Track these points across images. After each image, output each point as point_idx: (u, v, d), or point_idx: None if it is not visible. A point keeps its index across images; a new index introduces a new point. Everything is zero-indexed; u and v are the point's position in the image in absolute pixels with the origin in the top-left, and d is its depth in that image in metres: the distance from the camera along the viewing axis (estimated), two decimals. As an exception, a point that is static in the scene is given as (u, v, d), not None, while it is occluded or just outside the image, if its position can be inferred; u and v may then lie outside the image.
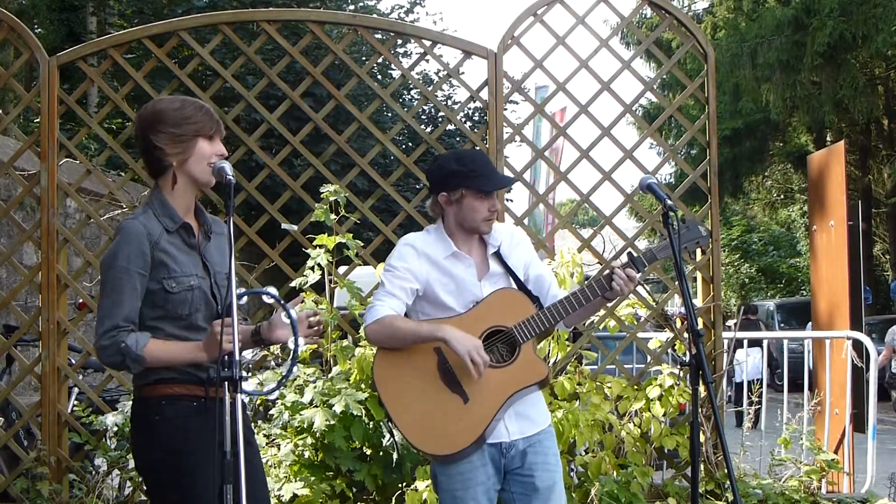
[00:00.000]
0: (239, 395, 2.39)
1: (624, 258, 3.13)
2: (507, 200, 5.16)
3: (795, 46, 14.85)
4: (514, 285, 3.13)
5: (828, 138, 18.20)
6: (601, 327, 5.11)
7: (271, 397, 4.44)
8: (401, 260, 3.09)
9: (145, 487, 2.76)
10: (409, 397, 3.00)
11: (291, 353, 2.59)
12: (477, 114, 16.88)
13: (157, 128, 2.67)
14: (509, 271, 3.14)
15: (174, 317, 2.62)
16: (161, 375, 2.60)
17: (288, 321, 2.62)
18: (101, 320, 2.57)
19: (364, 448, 4.44)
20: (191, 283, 2.63)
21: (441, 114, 16.57)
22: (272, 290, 2.62)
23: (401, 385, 3.02)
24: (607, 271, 3.05)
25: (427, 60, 12.78)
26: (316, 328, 2.81)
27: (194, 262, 2.69)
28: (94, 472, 4.87)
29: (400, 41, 14.29)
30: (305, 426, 4.25)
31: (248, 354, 2.61)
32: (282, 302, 2.63)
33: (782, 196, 26.57)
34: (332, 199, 4.70)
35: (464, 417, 2.96)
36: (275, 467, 4.38)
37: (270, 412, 4.49)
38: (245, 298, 2.60)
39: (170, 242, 2.64)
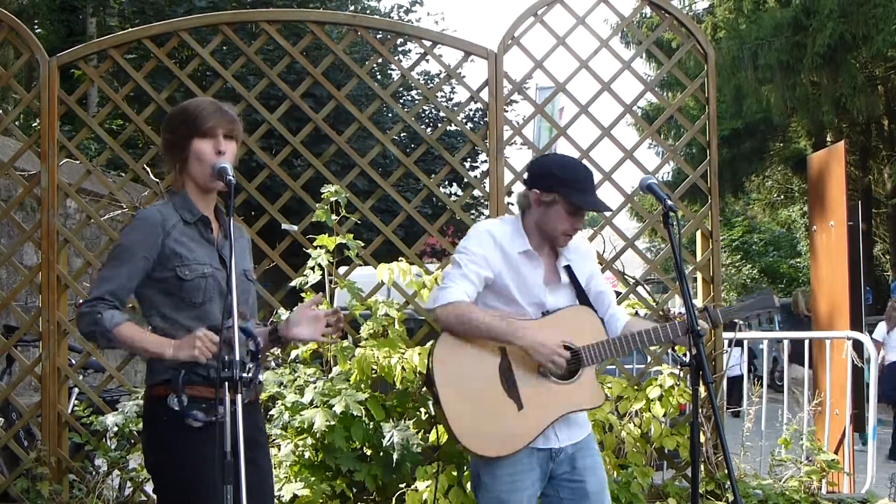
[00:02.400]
0: (239, 395, 2.40)
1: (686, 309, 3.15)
2: (510, 203, 5.15)
3: (795, 48, 14.84)
4: (577, 300, 3.10)
5: (828, 139, 18.20)
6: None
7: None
8: (479, 246, 3.02)
9: (153, 486, 2.77)
10: (464, 392, 2.95)
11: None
12: (477, 114, 16.87)
13: (162, 133, 2.78)
14: (576, 285, 3.10)
15: (188, 305, 2.63)
16: (170, 376, 2.60)
17: (314, 310, 2.71)
18: (91, 291, 2.63)
19: (364, 448, 4.44)
20: (204, 272, 2.65)
21: (441, 114, 16.57)
22: (250, 330, 2.60)
23: (458, 377, 2.96)
24: (683, 319, 3.03)
25: (427, 61, 12.78)
26: (335, 326, 2.81)
27: (210, 253, 2.70)
28: (94, 473, 4.87)
29: (400, 41, 14.30)
30: (305, 426, 4.25)
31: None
32: (259, 347, 2.63)
33: (782, 196, 26.57)
34: (332, 199, 4.70)
35: (514, 424, 2.93)
36: (275, 467, 4.38)
37: (270, 412, 4.49)
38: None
39: (185, 233, 2.67)
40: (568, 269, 3.10)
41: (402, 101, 17.17)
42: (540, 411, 2.94)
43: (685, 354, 3.00)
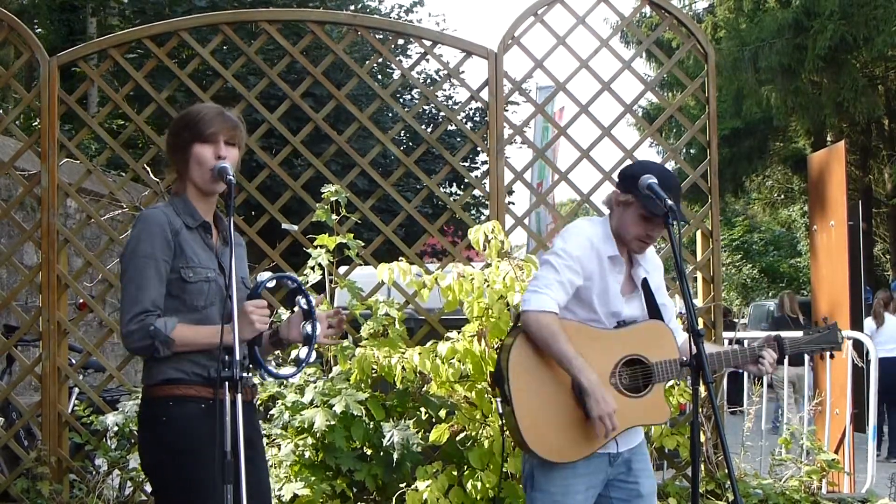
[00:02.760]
0: (239, 395, 2.40)
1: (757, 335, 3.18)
2: (510, 203, 5.16)
3: (796, 49, 14.82)
4: (647, 313, 3.08)
5: (828, 138, 18.18)
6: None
7: (294, 380, 4.43)
8: (578, 249, 2.99)
9: (150, 487, 2.76)
10: (537, 393, 2.96)
11: (310, 337, 2.67)
12: (478, 114, 16.86)
13: (166, 138, 2.78)
14: (649, 298, 3.08)
15: (190, 308, 2.63)
16: (169, 376, 2.60)
17: (306, 307, 2.71)
18: (127, 307, 2.57)
19: (364, 448, 4.44)
20: (207, 275, 2.65)
21: (442, 114, 16.56)
22: (294, 276, 2.64)
23: (532, 380, 2.96)
24: (756, 347, 3.08)
25: (427, 60, 12.78)
26: (336, 328, 2.82)
27: (211, 258, 2.70)
28: (94, 472, 4.88)
29: (400, 41, 14.29)
30: (306, 426, 4.25)
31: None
32: (302, 287, 2.67)
33: (783, 196, 26.56)
34: (332, 199, 4.70)
35: (581, 433, 2.94)
36: (275, 467, 4.38)
37: (271, 412, 4.49)
38: (273, 283, 2.66)
39: (189, 236, 2.67)
40: (644, 280, 3.09)
41: (402, 100, 17.16)
42: None
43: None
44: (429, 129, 14.66)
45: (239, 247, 2.85)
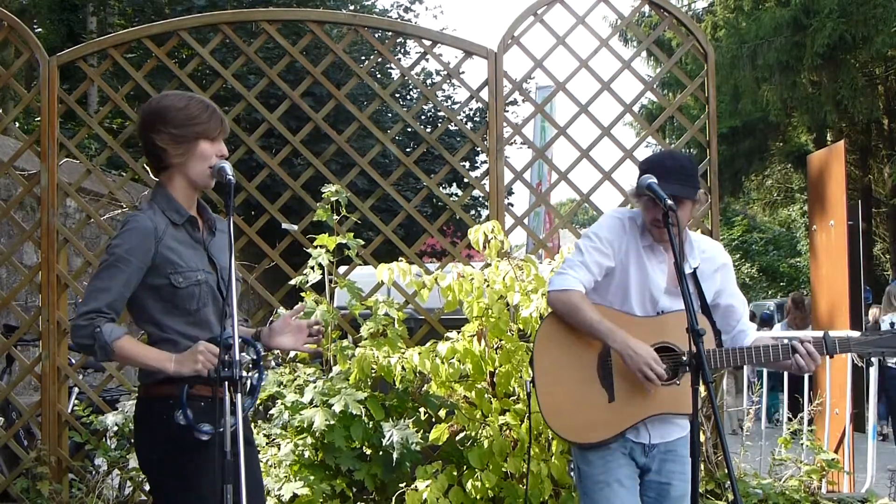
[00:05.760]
0: (239, 395, 2.40)
1: (811, 335, 3.05)
2: (509, 204, 5.16)
3: (795, 47, 14.83)
4: (699, 306, 3.00)
5: (828, 138, 18.18)
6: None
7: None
8: (609, 232, 3.01)
9: (148, 485, 2.76)
10: (560, 375, 2.98)
11: (256, 381, 2.64)
12: (477, 114, 16.86)
13: (159, 126, 2.65)
14: (699, 293, 3.03)
15: (183, 311, 2.61)
16: (169, 375, 2.60)
17: (288, 327, 2.75)
18: (85, 300, 2.55)
19: (364, 448, 4.43)
20: (198, 278, 2.63)
21: (441, 114, 16.56)
22: (259, 346, 2.64)
23: (557, 360, 2.99)
24: (794, 341, 2.98)
25: (427, 60, 12.78)
26: (316, 336, 2.84)
27: (200, 256, 2.68)
28: (94, 472, 4.88)
29: (400, 40, 14.30)
30: (305, 426, 4.25)
31: (246, 356, 2.60)
32: (260, 355, 2.63)
33: (782, 196, 26.55)
34: (332, 198, 4.69)
35: (602, 415, 2.95)
36: (275, 467, 4.38)
37: (270, 412, 4.49)
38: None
39: (175, 237, 2.63)
40: (693, 274, 3.04)
41: (402, 100, 17.15)
42: (631, 407, 2.95)
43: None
44: (428, 129, 14.66)
45: (224, 234, 2.78)
